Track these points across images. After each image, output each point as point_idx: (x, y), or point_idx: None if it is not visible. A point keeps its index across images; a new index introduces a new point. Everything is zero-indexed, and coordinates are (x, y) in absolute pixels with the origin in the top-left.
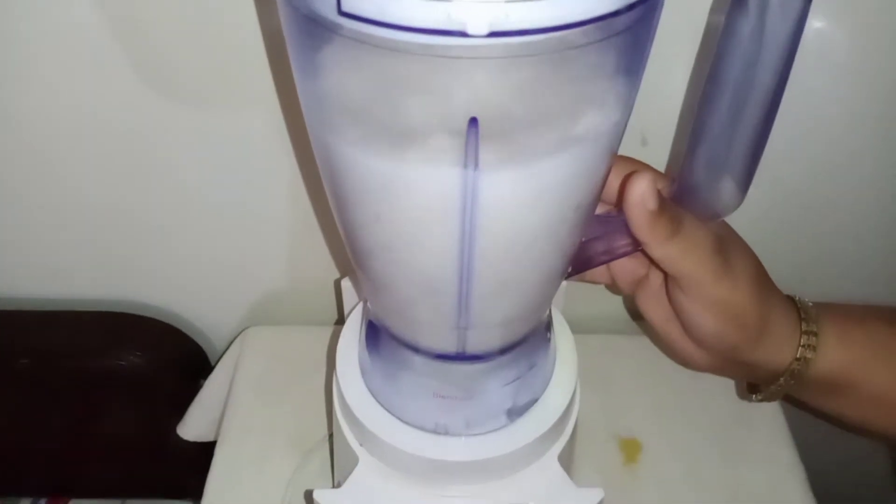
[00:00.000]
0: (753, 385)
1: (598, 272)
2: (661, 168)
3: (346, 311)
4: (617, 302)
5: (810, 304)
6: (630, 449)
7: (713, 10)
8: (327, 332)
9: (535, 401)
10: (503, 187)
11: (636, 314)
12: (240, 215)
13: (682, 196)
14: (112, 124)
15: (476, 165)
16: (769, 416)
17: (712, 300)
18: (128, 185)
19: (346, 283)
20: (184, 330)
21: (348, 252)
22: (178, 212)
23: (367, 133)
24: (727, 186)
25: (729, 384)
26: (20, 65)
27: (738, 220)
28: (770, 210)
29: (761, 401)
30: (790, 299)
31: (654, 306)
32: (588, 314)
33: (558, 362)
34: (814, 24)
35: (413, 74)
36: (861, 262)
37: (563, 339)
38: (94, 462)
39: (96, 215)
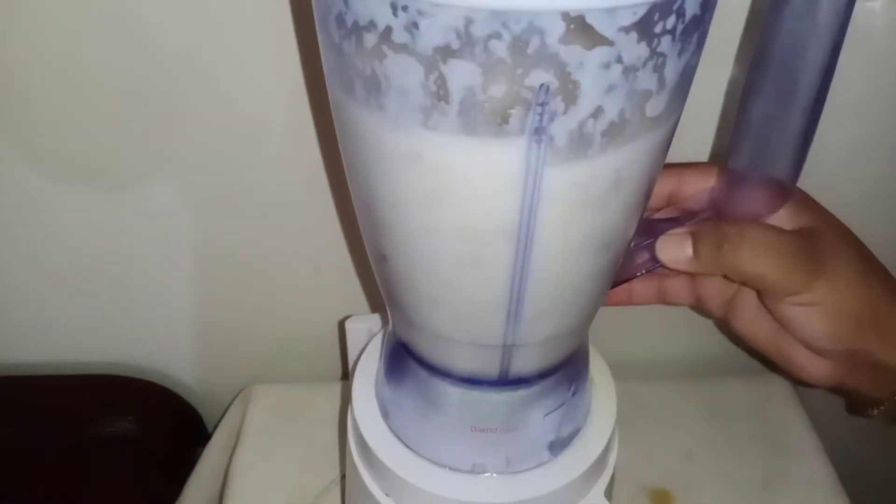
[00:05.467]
0: (872, 399)
1: (647, 293)
2: (704, 157)
3: (350, 356)
4: (634, 346)
5: None
6: (661, 499)
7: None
8: (334, 387)
9: (577, 431)
10: (574, 174)
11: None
12: (234, 269)
13: (728, 192)
14: (98, 175)
15: (544, 146)
16: (808, 462)
17: (811, 300)
18: (116, 237)
19: (351, 325)
20: (179, 392)
21: (381, 282)
22: (169, 264)
23: (414, 112)
24: (776, 178)
25: (762, 429)
26: None
27: None
28: None
29: (884, 415)
30: None
31: (754, 325)
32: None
33: (595, 386)
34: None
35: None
36: None
37: (595, 360)
38: None
39: (83, 270)
